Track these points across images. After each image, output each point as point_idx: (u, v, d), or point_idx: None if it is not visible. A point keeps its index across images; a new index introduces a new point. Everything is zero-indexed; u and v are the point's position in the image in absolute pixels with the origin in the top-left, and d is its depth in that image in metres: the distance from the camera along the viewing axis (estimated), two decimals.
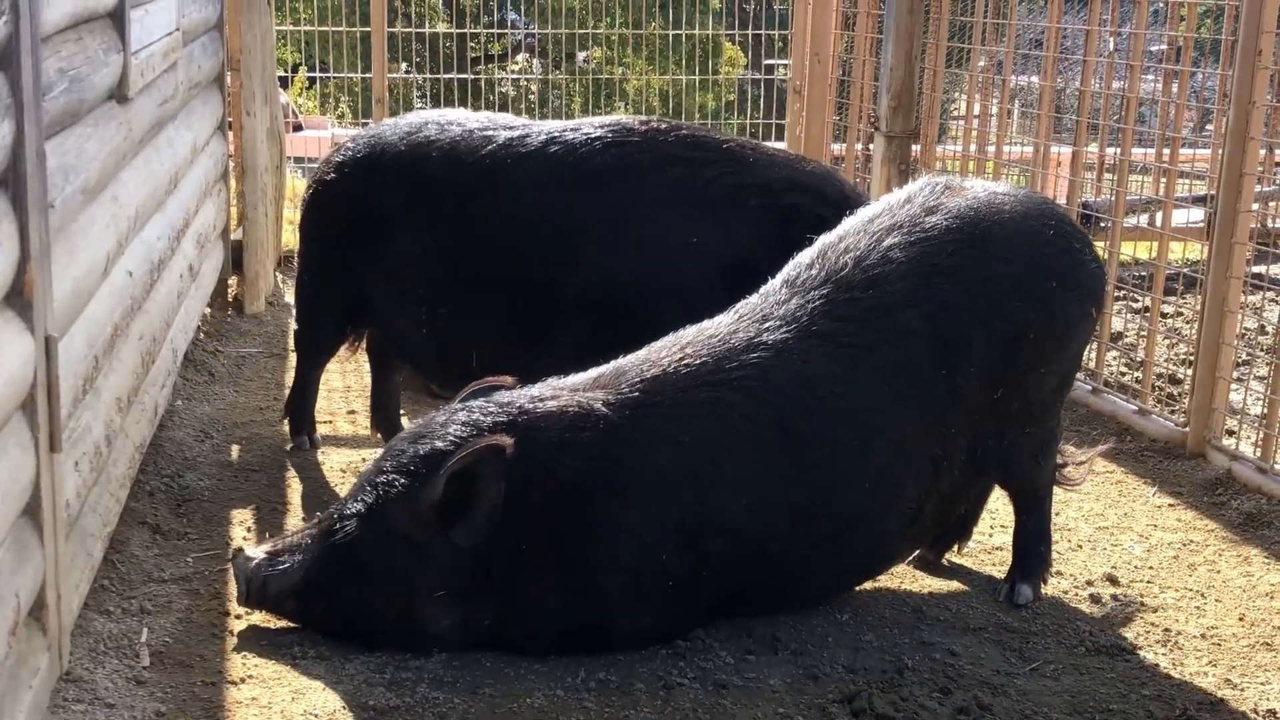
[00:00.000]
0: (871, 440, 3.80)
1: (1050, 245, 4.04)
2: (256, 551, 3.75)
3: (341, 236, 4.87)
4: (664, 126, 4.68)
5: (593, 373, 3.84)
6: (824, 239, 4.07)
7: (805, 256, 4.02)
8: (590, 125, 4.68)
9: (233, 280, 7.06)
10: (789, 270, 4.01)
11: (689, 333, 3.90)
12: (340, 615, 3.69)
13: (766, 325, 3.84)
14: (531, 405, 3.68)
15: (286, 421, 5.27)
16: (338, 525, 3.66)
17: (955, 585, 4.31)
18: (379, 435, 5.18)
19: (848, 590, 4.10)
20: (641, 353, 3.87)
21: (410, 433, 3.74)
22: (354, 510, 3.64)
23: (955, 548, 4.46)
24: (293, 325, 5.48)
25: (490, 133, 4.71)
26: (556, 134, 4.65)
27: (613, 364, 3.85)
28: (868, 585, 4.26)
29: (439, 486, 3.49)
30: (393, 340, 5.01)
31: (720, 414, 3.70)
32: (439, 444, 3.60)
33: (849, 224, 4.09)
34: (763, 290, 3.99)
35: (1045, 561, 4.28)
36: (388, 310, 4.87)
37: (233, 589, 3.93)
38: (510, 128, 4.74)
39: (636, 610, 3.68)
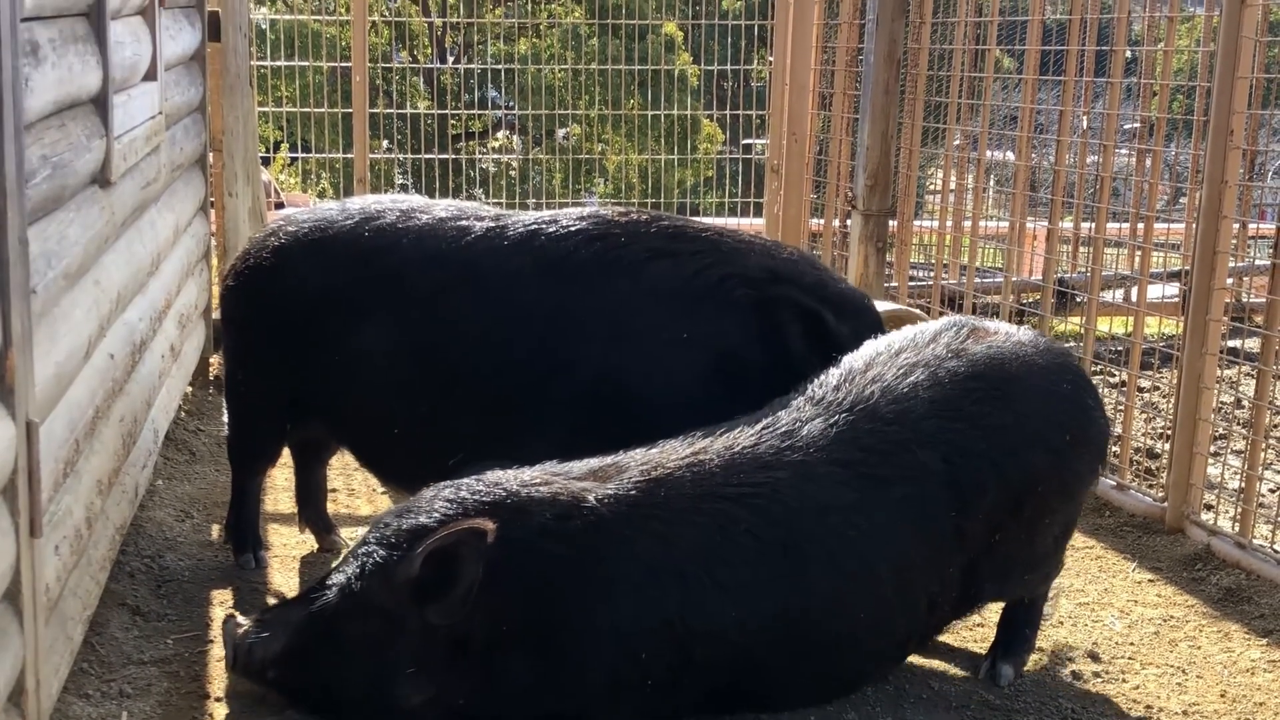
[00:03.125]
0: (875, 570, 3.81)
1: (1066, 401, 4.12)
2: (246, 619, 3.78)
3: (284, 327, 4.58)
4: (644, 218, 4.58)
5: (593, 463, 3.81)
6: (850, 362, 4.09)
7: (831, 378, 4.04)
8: (569, 217, 4.53)
9: (214, 359, 7.07)
10: (815, 388, 4.02)
11: (703, 438, 3.88)
12: (317, 686, 3.67)
13: (787, 443, 3.85)
14: (521, 488, 3.66)
15: (229, 542, 4.93)
16: (319, 595, 3.67)
17: (936, 663, 4.31)
18: (308, 530, 5.04)
19: (824, 703, 4.07)
20: (650, 449, 3.85)
21: (399, 507, 3.74)
22: (336, 581, 3.65)
23: None
24: (223, 432, 5.18)
25: (464, 222, 4.51)
26: (537, 226, 4.49)
27: (615, 457, 3.83)
28: None
29: (416, 564, 3.48)
30: (349, 439, 4.73)
31: (722, 525, 3.69)
32: (423, 519, 3.59)
33: (874, 352, 4.12)
34: (785, 403, 4.00)
35: (1028, 643, 4.29)
36: (344, 408, 4.60)
37: (213, 672, 3.91)
38: (481, 217, 4.55)
39: (609, 706, 3.65)
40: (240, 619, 3.79)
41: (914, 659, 4.31)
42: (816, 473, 3.80)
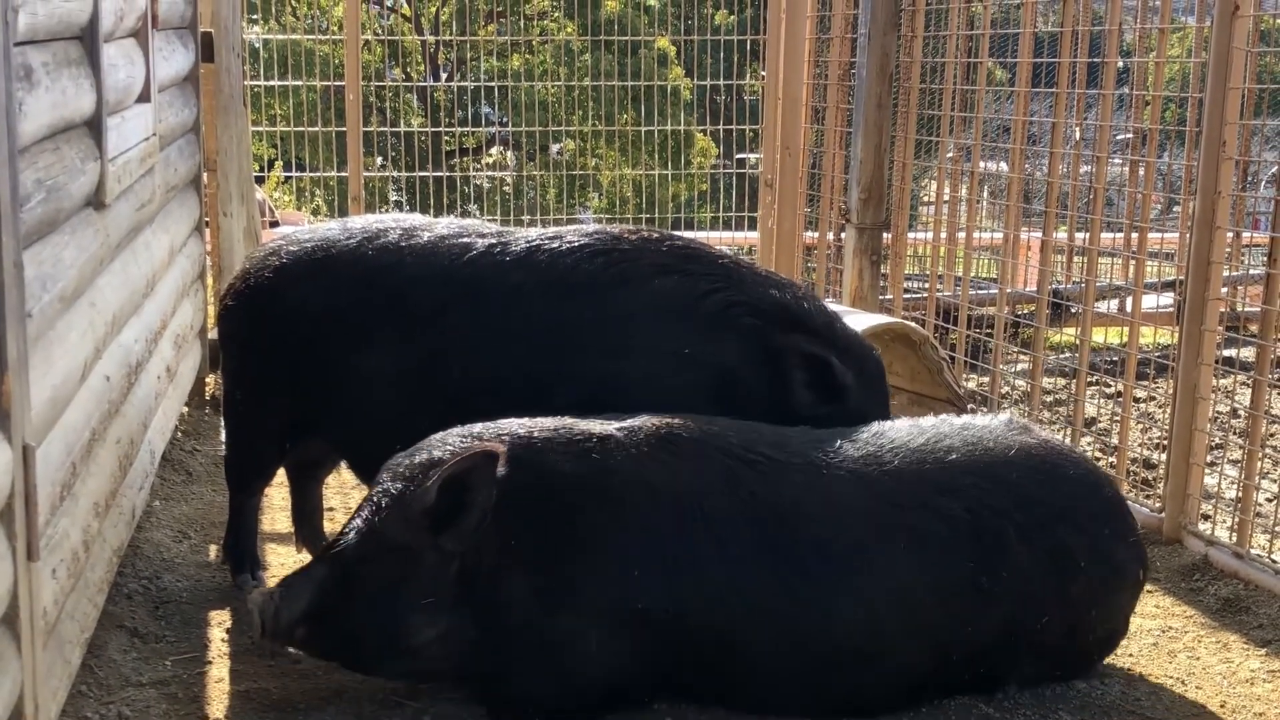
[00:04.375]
0: (870, 578, 3.83)
1: (1108, 503, 4.21)
2: (266, 590, 3.84)
3: (286, 346, 4.56)
4: (655, 235, 4.57)
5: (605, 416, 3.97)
6: (901, 421, 4.22)
7: (876, 424, 4.16)
8: (574, 233, 4.51)
9: (210, 379, 7.07)
10: (857, 430, 4.12)
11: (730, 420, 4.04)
12: (344, 636, 3.73)
13: (810, 444, 3.97)
14: (531, 423, 3.83)
15: (226, 562, 4.89)
16: (338, 545, 3.75)
17: None
18: (305, 550, 5.00)
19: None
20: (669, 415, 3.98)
21: (410, 450, 3.82)
22: (353, 526, 3.73)
23: None
24: (219, 452, 5.15)
25: (466, 240, 4.50)
26: (540, 242, 4.47)
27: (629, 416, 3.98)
28: None
29: (432, 493, 3.56)
30: (351, 457, 4.71)
31: (727, 478, 3.80)
32: (436, 453, 3.71)
33: (924, 421, 4.24)
34: (825, 430, 4.11)
35: None
36: (346, 426, 4.57)
37: (211, 693, 3.91)
38: (484, 235, 4.54)
39: (608, 644, 3.68)
40: (261, 589, 3.87)
41: None
42: (833, 474, 3.88)
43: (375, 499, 3.71)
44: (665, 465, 3.78)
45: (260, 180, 10.26)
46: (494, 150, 15.05)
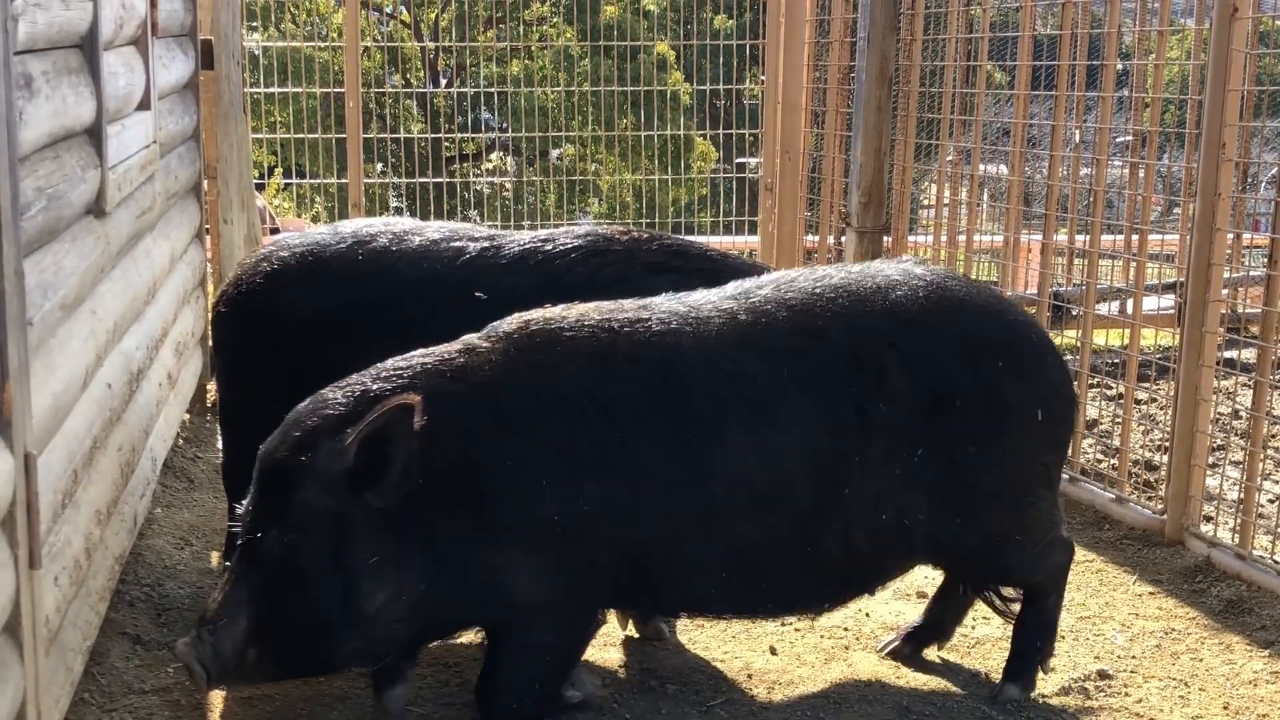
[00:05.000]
0: (760, 411, 3.76)
1: (1006, 331, 4.06)
2: (188, 638, 3.59)
3: (278, 351, 4.56)
4: (645, 235, 4.61)
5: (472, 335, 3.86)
6: (778, 273, 4.15)
7: (754, 280, 4.08)
8: (566, 235, 4.57)
9: (211, 385, 7.07)
10: (733, 285, 4.05)
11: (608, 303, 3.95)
12: (298, 633, 3.55)
13: (691, 307, 3.89)
14: (408, 359, 3.73)
15: None
16: (254, 539, 3.53)
17: (939, 681, 4.31)
18: None
19: (752, 611, 4.07)
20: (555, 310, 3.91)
21: (285, 423, 3.63)
22: (258, 513, 3.54)
23: (935, 645, 4.46)
24: (220, 459, 5.10)
25: (459, 243, 4.53)
26: (533, 244, 4.52)
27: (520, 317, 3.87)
28: (851, 681, 4.26)
29: (351, 453, 3.43)
30: None
31: (602, 356, 3.72)
32: (329, 412, 3.57)
33: (803, 270, 4.15)
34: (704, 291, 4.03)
35: (1034, 664, 4.23)
36: None
37: (213, 700, 3.90)
38: (476, 238, 4.57)
39: (533, 556, 3.62)
40: (181, 641, 3.60)
41: (916, 679, 4.31)
42: (711, 323, 3.82)
43: (273, 473, 3.53)
44: (539, 365, 3.69)
45: (260, 187, 10.27)
46: (494, 156, 15.05)
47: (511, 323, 3.82)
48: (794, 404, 3.78)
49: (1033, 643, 4.24)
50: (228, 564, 3.67)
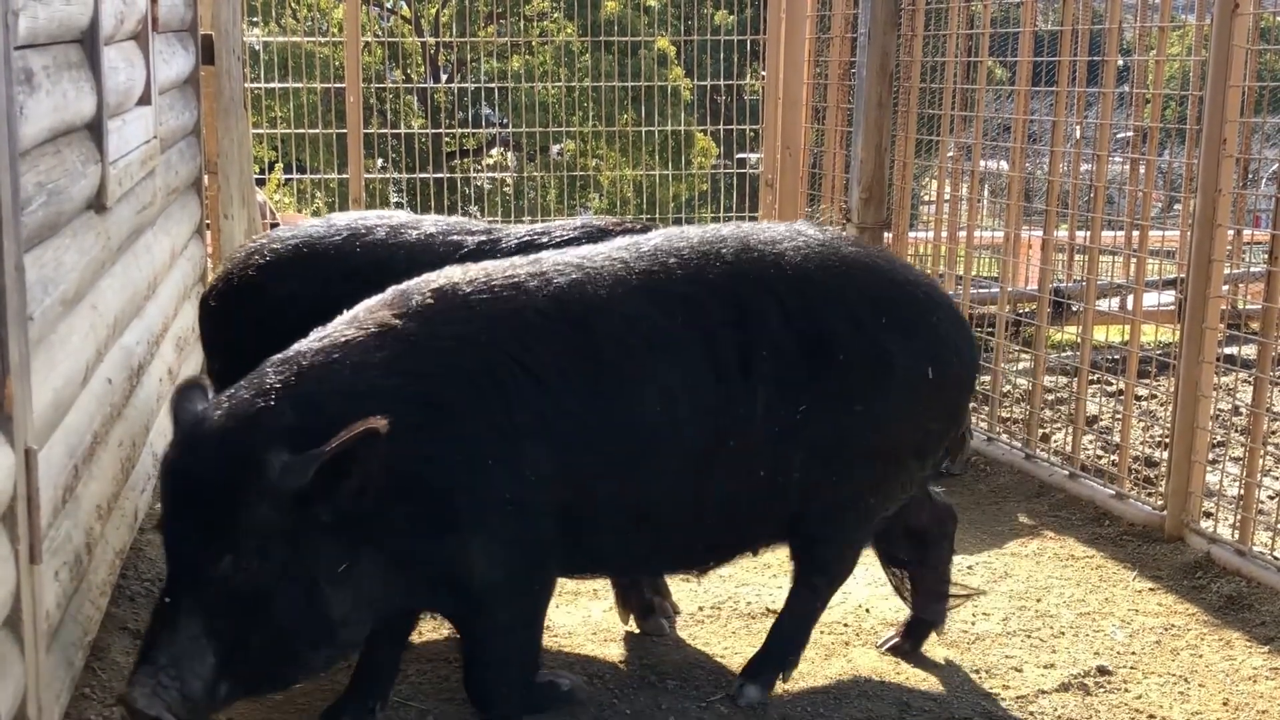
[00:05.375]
0: (665, 374, 3.74)
1: (892, 287, 4.05)
2: (139, 685, 3.31)
3: (271, 345, 4.30)
4: (639, 228, 4.62)
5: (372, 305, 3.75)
6: (667, 229, 4.14)
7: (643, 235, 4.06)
8: (563, 228, 4.55)
9: None
10: (622, 238, 4.04)
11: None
12: (264, 659, 3.42)
13: (584, 258, 3.87)
14: (313, 348, 3.58)
15: None
16: (197, 571, 3.34)
17: (938, 677, 4.32)
18: None
19: (648, 566, 4.12)
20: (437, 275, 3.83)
21: (217, 419, 3.41)
22: (203, 541, 3.34)
23: (933, 634, 4.45)
24: None
25: (455, 237, 4.51)
26: (529, 238, 4.49)
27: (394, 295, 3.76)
28: (850, 677, 4.26)
29: (309, 474, 3.29)
30: None
31: (515, 309, 3.67)
32: (273, 423, 3.38)
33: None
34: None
35: (781, 662, 4.18)
36: None
37: None
38: (472, 231, 4.55)
39: (487, 538, 3.58)
40: (135, 691, 3.29)
41: (915, 674, 4.31)
42: (604, 276, 3.80)
43: (210, 491, 3.33)
44: (465, 339, 3.60)
45: (261, 183, 10.27)
46: (494, 151, 15.05)
47: (423, 294, 3.69)
48: (687, 351, 3.77)
49: (782, 640, 4.20)
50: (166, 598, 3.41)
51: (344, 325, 3.67)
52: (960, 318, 4.19)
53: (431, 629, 4.48)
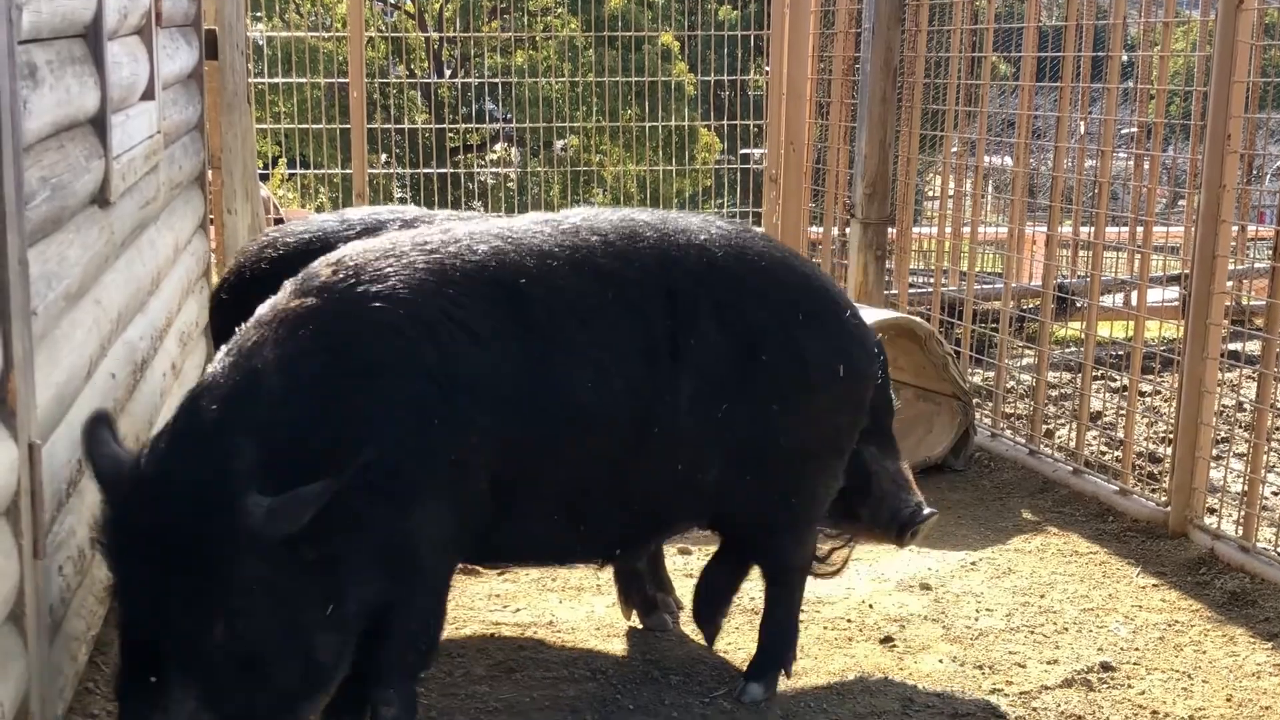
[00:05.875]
0: (597, 348, 3.64)
1: (806, 283, 4.05)
2: None
3: None
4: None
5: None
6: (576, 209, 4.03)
7: (574, 214, 3.94)
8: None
9: None
10: (535, 214, 3.96)
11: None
12: (260, 712, 3.18)
13: (505, 229, 3.75)
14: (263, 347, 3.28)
15: None
16: (176, 636, 3.04)
17: (942, 672, 4.31)
18: None
19: (568, 555, 4.03)
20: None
21: (159, 463, 3.11)
22: (179, 601, 3.02)
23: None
24: None
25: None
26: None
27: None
28: (854, 672, 4.26)
29: (303, 518, 3.04)
30: None
31: (443, 273, 3.50)
32: (236, 462, 3.08)
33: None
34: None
35: (780, 659, 4.17)
36: None
37: None
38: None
39: (434, 489, 3.39)
40: None
41: (919, 669, 4.31)
42: (529, 246, 3.67)
43: (176, 544, 2.99)
44: (388, 298, 3.37)
45: (265, 178, 10.27)
46: (498, 147, 15.05)
47: (334, 274, 3.43)
48: (618, 328, 3.69)
49: (776, 637, 4.19)
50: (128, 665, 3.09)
51: (252, 330, 3.36)
52: (860, 316, 4.18)
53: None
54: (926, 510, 4.31)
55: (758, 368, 3.84)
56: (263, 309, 3.42)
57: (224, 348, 3.36)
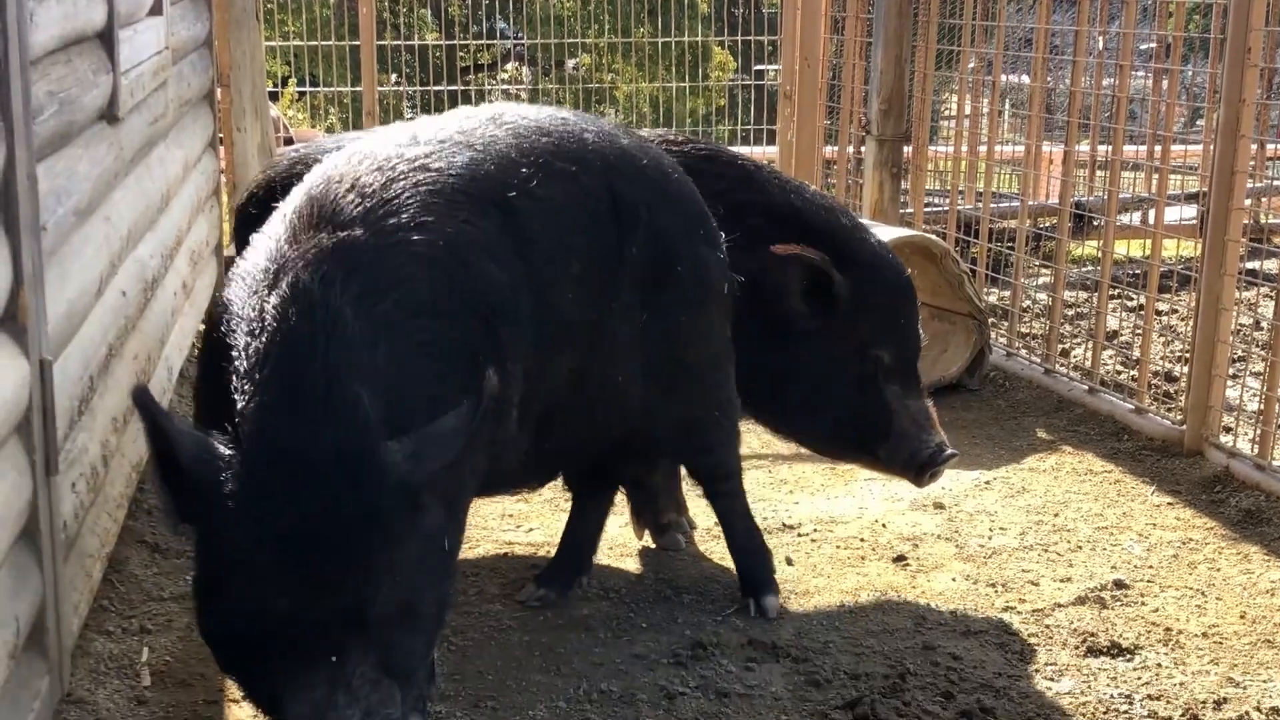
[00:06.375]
0: (572, 256, 3.55)
1: (695, 196, 3.99)
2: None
3: None
4: (680, 138, 4.55)
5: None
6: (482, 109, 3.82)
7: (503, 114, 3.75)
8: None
9: None
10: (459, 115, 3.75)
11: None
12: (420, 661, 2.93)
13: (466, 135, 3.54)
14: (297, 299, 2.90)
15: None
16: (352, 625, 2.69)
17: (954, 590, 4.32)
18: None
19: (537, 476, 4.00)
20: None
21: (286, 450, 2.70)
22: (350, 593, 2.69)
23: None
24: None
25: None
26: None
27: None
28: (867, 591, 4.27)
29: (455, 446, 2.83)
30: None
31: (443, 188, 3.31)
32: (360, 414, 2.75)
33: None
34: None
35: (765, 568, 4.19)
36: None
37: None
38: None
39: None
40: None
41: (933, 587, 4.32)
42: (494, 146, 3.51)
43: (338, 517, 2.65)
44: (435, 250, 3.17)
45: (274, 97, 10.20)
46: (509, 65, 14.92)
47: (360, 202, 3.16)
48: (585, 236, 3.60)
49: (749, 550, 4.22)
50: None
51: (298, 264, 2.96)
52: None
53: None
54: (948, 451, 4.30)
55: (675, 278, 3.81)
56: (288, 239, 3.06)
57: (258, 292, 2.93)
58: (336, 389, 2.74)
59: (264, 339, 2.82)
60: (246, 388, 2.78)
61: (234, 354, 2.85)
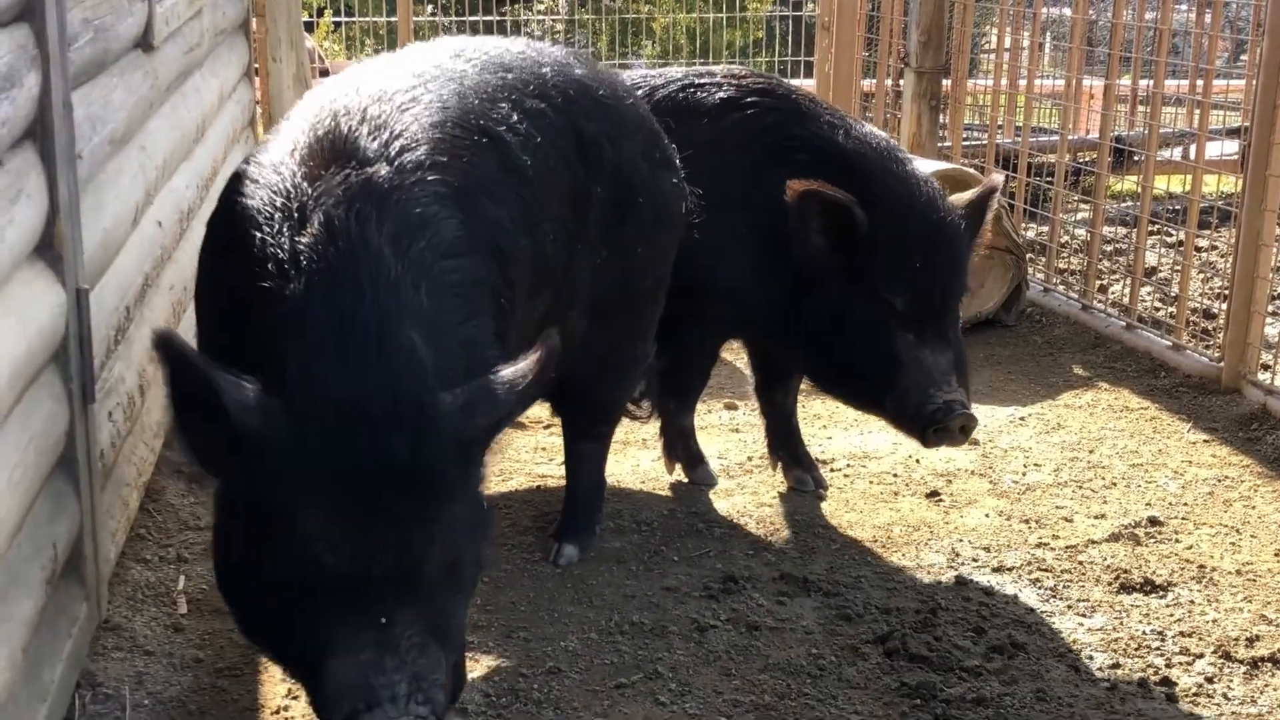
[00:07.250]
0: (550, 189, 3.47)
1: (652, 122, 3.97)
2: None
3: None
4: (742, 71, 4.49)
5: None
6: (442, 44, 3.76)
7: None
8: (676, 72, 4.52)
9: None
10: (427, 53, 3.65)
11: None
12: (461, 626, 2.83)
13: (446, 70, 3.45)
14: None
15: None
16: (403, 587, 2.56)
17: (988, 526, 4.31)
18: None
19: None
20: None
21: (335, 401, 2.54)
22: (406, 551, 2.56)
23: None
24: None
25: None
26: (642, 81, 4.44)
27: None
28: (900, 525, 4.27)
29: (511, 402, 2.72)
30: None
31: (442, 125, 3.20)
32: (414, 364, 2.63)
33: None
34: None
35: (594, 518, 4.14)
36: None
37: None
38: None
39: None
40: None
41: (965, 522, 4.31)
42: (472, 81, 3.43)
43: (404, 472, 2.52)
44: (448, 190, 3.04)
45: (310, 28, 10.16)
46: None
47: (376, 138, 3.00)
48: (558, 173, 3.52)
49: (588, 494, 4.14)
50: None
51: (328, 203, 2.79)
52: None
53: None
54: (957, 411, 4.00)
55: (635, 211, 3.76)
56: (305, 175, 2.87)
57: (281, 231, 2.77)
58: (389, 334, 2.60)
59: (302, 281, 2.66)
60: (283, 332, 2.61)
61: (258, 295, 2.69)
